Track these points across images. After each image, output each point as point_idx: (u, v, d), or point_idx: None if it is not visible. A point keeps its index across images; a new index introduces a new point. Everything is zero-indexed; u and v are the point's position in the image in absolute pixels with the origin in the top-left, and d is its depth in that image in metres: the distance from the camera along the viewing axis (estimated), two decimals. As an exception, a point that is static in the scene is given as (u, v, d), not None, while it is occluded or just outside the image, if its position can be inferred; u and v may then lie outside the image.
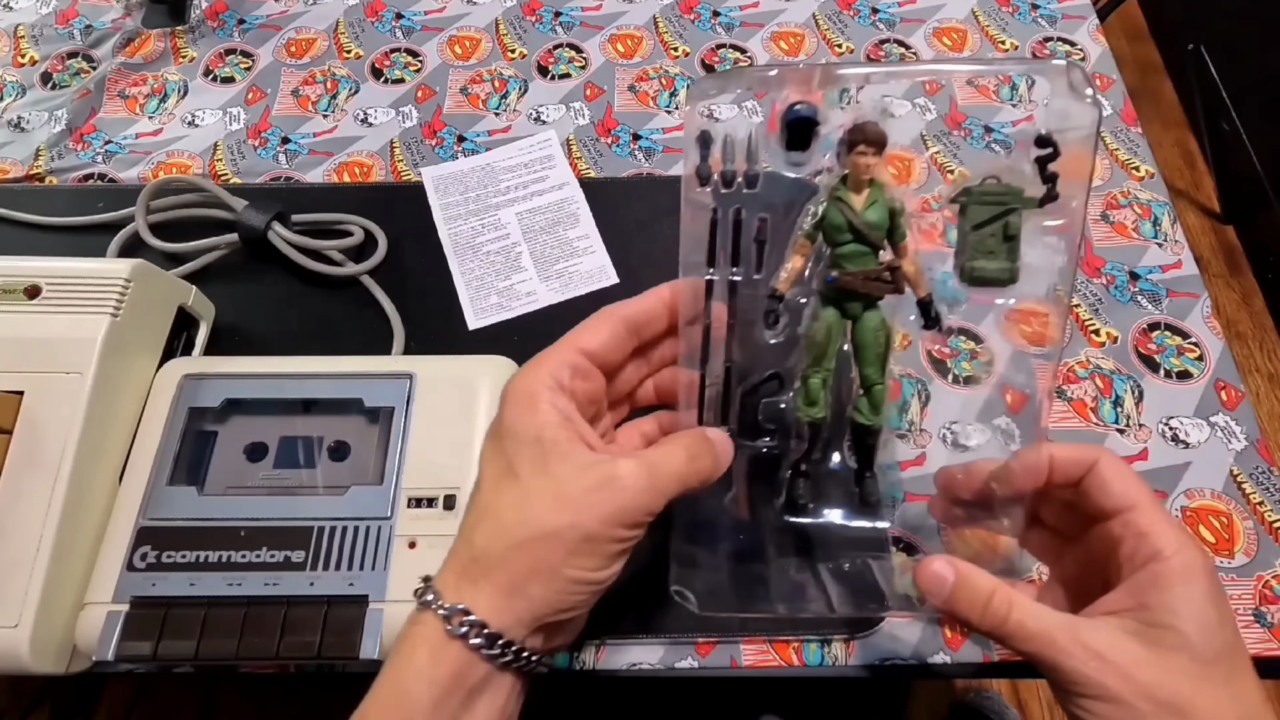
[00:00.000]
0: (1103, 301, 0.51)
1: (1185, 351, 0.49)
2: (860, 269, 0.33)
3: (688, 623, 0.40)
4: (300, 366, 0.43)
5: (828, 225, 0.33)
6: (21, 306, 0.40)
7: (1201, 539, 0.43)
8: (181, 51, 0.65)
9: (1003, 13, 0.66)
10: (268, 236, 0.50)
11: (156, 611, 0.36)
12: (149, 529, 0.38)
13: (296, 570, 0.37)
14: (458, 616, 0.27)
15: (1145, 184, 0.56)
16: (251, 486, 0.39)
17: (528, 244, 0.54)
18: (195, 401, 0.41)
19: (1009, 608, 0.29)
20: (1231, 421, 0.46)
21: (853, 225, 0.32)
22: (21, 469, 0.37)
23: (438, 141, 0.59)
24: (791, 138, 0.33)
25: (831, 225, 0.33)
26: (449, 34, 0.66)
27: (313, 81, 0.63)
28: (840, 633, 0.40)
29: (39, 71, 0.64)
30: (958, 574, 0.30)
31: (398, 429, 0.40)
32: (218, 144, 0.59)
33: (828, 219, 0.33)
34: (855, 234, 0.32)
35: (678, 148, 0.59)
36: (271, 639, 0.35)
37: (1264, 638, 0.40)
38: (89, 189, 0.57)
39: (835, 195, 0.33)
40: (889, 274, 0.33)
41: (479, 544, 0.29)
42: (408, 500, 0.39)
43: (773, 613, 0.39)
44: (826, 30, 0.65)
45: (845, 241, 0.33)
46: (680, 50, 0.64)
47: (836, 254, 0.33)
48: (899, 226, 0.33)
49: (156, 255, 0.51)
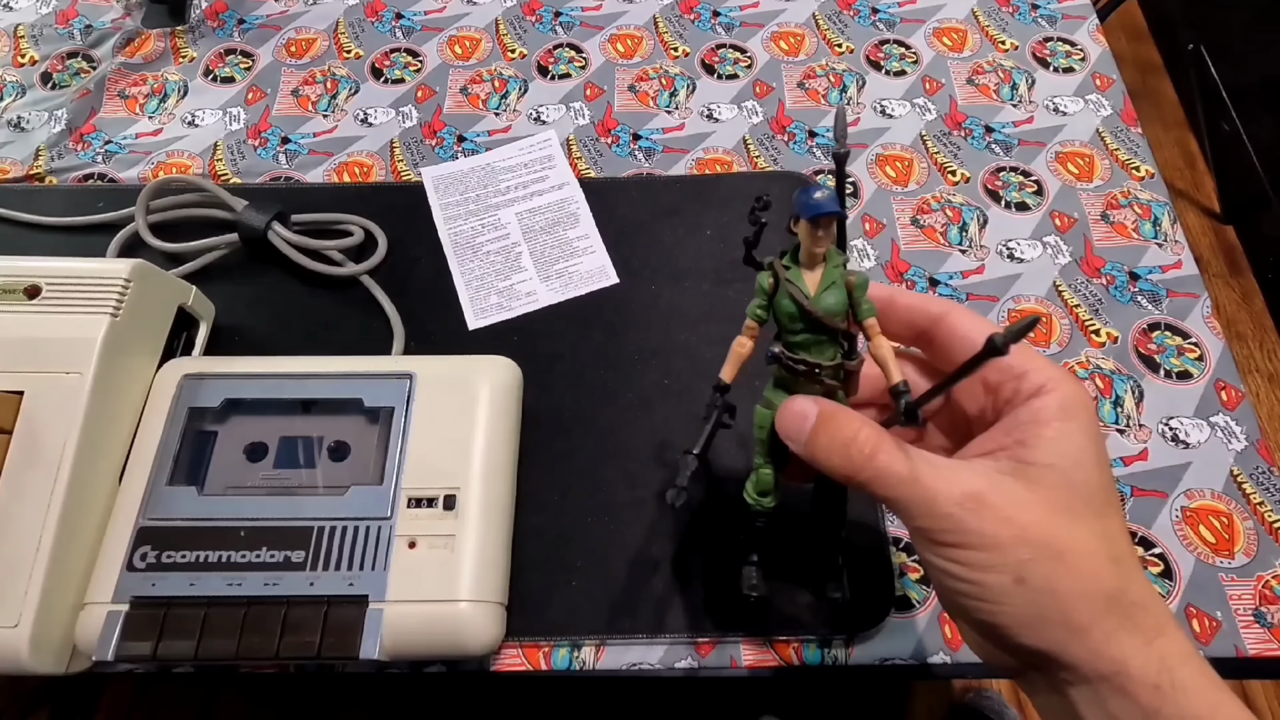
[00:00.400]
0: (1103, 302, 0.51)
1: (1185, 351, 0.49)
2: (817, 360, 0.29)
3: (688, 623, 0.40)
4: (300, 366, 0.43)
5: (779, 311, 0.29)
6: (21, 306, 0.40)
7: (1201, 539, 0.43)
8: (181, 51, 0.65)
9: (1003, 13, 0.66)
10: (268, 236, 0.50)
11: (156, 611, 0.36)
12: (149, 529, 0.38)
13: (296, 570, 0.37)
14: None
15: (1145, 184, 0.56)
16: (251, 486, 0.39)
17: (528, 244, 0.54)
18: (195, 401, 0.41)
19: (874, 449, 0.26)
20: (1232, 421, 0.46)
21: (807, 313, 0.28)
22: (21, 469, 0.37)
23: (438, 141, 0.59)
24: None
25: (783, 313, 0.28)
26: (449, 34, 0.66)
27: (313, 81, 0.63)
28: (840, 633, 0.40)
29: (39, 71, 0.64)
30: (820, 413, 0.27)
31: (398, 429, 0.40)
32: (218, 144, 0.59)
33: (779, 304, 0.28)
34: (810, 322, 0.28)
35: (678, 148, 0.59)
36: (271, 639, 0.35)
37: (1264, 638, 0.40)
38: (89, 189, 0.57)
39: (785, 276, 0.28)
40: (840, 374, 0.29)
41: None
42: (408, 500, 0.39)
43: None
44: (826, 30, 0.65)
45: (799, 330, 0.28)
46: (680, 50, 0.64)
47: (790, 342, 0.29)
48: (861, 303, 0.28)
49: (156, 255, 0.51)
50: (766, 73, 0.63)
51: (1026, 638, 0.25)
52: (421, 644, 0.36)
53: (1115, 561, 0.25)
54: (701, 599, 0.41)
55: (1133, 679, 0.24)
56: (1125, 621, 0.24)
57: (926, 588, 0.42)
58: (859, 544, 0.42)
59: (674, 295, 0.51)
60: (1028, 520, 0.25)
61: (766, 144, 0.59)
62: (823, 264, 0.28)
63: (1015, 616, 0.25)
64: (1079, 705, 0.25)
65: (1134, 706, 0.24)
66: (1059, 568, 0.24)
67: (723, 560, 0.41)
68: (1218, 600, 0.41)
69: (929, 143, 0.59)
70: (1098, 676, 0.24)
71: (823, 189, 0.27)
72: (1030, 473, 0.26)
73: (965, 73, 0.62)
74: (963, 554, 0.25)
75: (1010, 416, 0.27)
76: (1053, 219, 0.55)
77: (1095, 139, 0.58)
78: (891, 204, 0.56)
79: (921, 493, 0.26)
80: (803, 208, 0.27)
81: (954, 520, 0.25)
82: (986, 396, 0.29)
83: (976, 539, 0.25)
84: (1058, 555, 0.24)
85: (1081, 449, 0.26)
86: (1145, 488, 0.45)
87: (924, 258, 0.53)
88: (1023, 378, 0.27)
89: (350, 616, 0.36)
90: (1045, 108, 0.60)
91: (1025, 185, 0.56)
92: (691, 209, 0.54)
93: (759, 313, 0.29)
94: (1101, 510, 0.26)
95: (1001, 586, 0.25)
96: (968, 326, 0.29)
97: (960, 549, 0.25)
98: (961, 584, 0.25)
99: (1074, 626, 0.24)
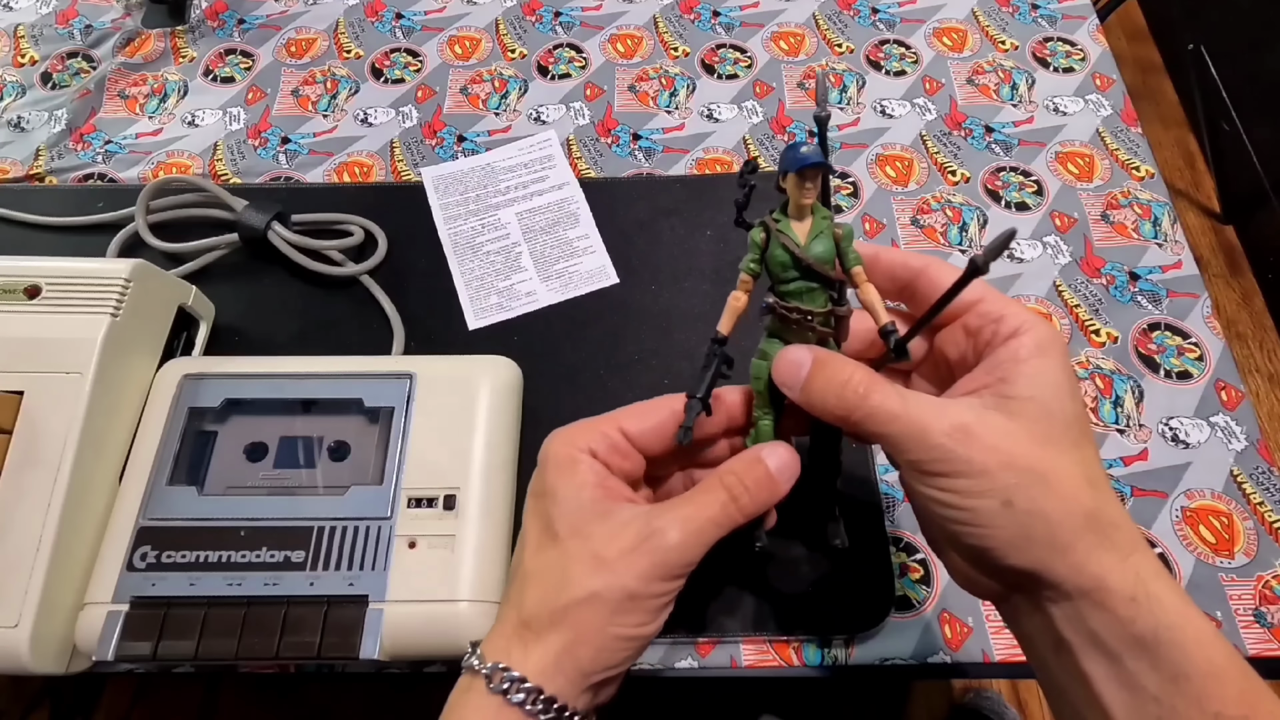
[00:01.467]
0: (1103, 302, 0.51)
1: (1185, 351, 0.49)
2: (810, 307, 0.30)
3: (688, 623, 0.40)
4: (300, 366, 0.43)
5: (772, 262, 0.30)
6: (21, 306, 0.40)
7: (1201, 539, 0.43)
8: (181, 51, 0.65)
9: (1003, 13, 0.66)
10: (268, 236, 0.50)
11: (156, 611, 0.36)
12: (149, 529, 0.38)
13: (296, 570, 0.37)
14: (511, 683, 0.27)
15: (1145, 184, 0.56)
16: (251, 486, 0.39)
17: (528, 244, 0.54)
18: (195, 401, 0.41)
19: (867, 389, 0.28)
20: (1232, 422, 0.46)
21: (799, 260, 0.29)
22: (21, 469, 0.37)
23: (438, 141, 0.59)
24: None
25: (776, 262, 0.30)
26: (449, 34, 0.66)
27: (313, 81, 0.63)
28: (840, 633, 0.40)
29: (39, 71, 0.64)
30: (815, 359, 0.29)
31: (398, 429, 0.40)
32: (218, 144, 0.59)
33: (772, 255, 0.30)
34: (801, 269, 0.29)
35: (678, 148, 0.59)
36: (271, 639, 0.35)
37: (1264, 638, 0.40)
38: (89, 189, 0.57)
39: (777, 228, 0.30)
40: (832, 320, 0.30)
41: (528, 608, 0.29)
42: (408, 500, 0.39)
43: None
44: (826, 30, 0.65)
45: (791, 278, 0.30)
46: (680, 50, 0.64)
47: (783, 291, 0.30)
48: (847, 253, 0.30)
49: (156, 255, 0.51)
50: (766, 73, 0.63)
51: (1013, 558, 0.26)
52: (421, 644, 0.36)
53: (1092, 485, 0.27)
54: (701, 599, 0.41)
55: (1111, 593, 0.25)
56: (1103, 540, 0.26)
57: (926, 588, 0.42)
58: (859, 544, 0.42)
59: (674, 295, 0.51)
60: (1012, 448, 0.26)
61: (766, 144, 0.59)
62: (810, 216, 0.30)
63: (1003, 538, 0.26)
64: (1059, 622, 0.26)
65: (1112, 619, 0.25)
66: (1043, 490, 0.26)
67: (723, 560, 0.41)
68: (1218, 600, 0.41)
69: (929, 143, 0.59)
70: (1079, 592, 0.26)
71: (806, 144, 0.29)
72: (1012, 406, 0.27)
73: (965, 73, 0.62)
74: (953, 482, 0.26)
75: (990, 357, 0.29)
76: (1053, 219, 0.55)
77: (1095, 139, 0.58)
78: (891, 204, 0.56)
79: (913, 427, 0.27)
80: (790, 162, 0.29)
81: (944, 450, 0.26)
82: (967, 340, 0.30)
83: (965, 466, 0.26)
84: (1041, 479, 0.26)
85: (1057, 383, 0.28)
86: (1145, 488, 0.45)
87: (923, 255, 0.53)
88: (1000, 321, 0.29)
89: (350, 616, 0.36)
90: (1045, 108, 0.60)
91: (1025, 185, 0.56)
92: (691, 209, 0.54)
93: (752, 266, 0.30)
94: (1078, 439, 0.27)
95: (990, 510, 0.26)
96: (947, 277, 0.30)
97: (950, 477, 0.26)
98: (952, 510, 0.27)
99: (1058, 545, 0.26)
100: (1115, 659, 0.25)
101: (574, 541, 0.29)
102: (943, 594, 0.42)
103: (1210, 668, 0.25)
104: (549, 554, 0.29)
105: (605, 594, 0.28)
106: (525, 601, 0.29)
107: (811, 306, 0.30)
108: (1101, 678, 0.26)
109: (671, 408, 0.31)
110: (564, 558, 0.28)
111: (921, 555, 0.43)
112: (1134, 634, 0.25)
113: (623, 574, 0.28)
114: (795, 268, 0.29)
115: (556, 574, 0.28)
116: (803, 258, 0.29)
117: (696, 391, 0.30)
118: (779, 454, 0.31)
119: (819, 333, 0.30)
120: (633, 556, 0.28)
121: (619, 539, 0.28)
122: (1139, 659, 0.25)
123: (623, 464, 0.31)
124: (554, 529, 0.29)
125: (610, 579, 0.28)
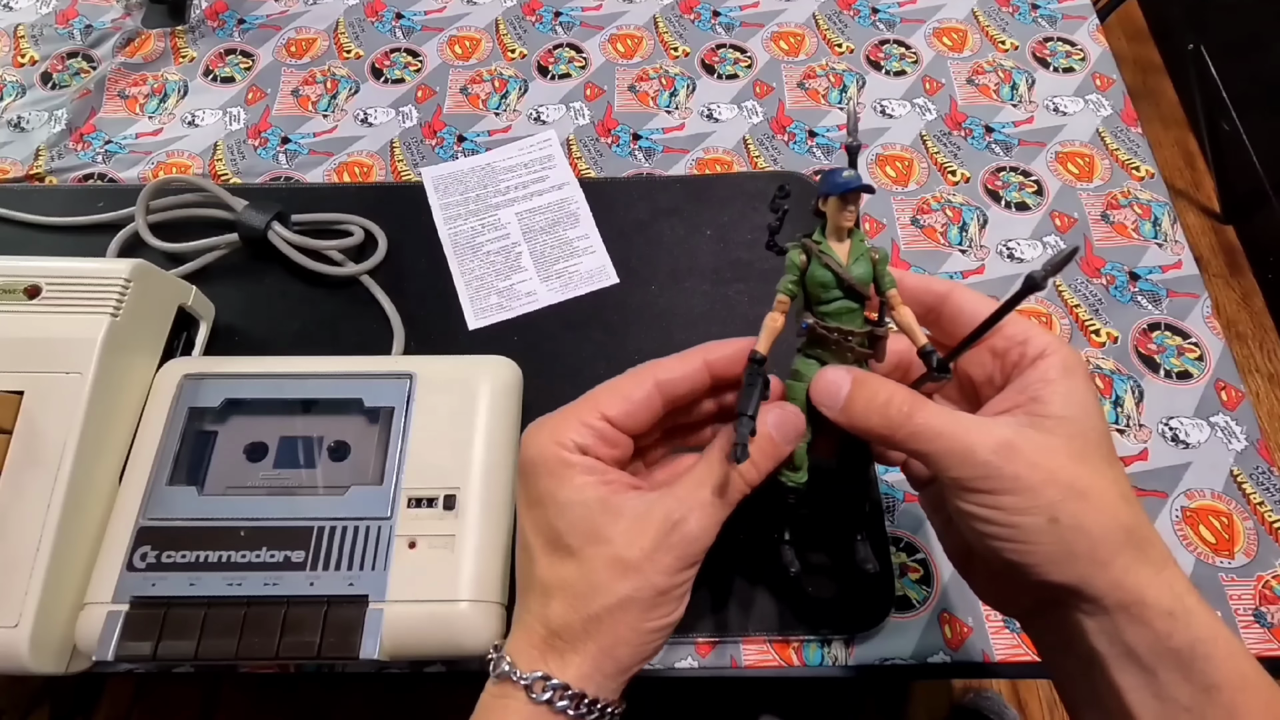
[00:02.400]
0: (1103, 302, 0.51)
1: (1185, 351, 0.49)
2: (850, 327, 0.30)
3: (688, 623, 0.40)
4: (300, 366, 0.43)
5: (812, 282, 0.30)
6: (21, 306, 0.40)
7: (1201, 539, 0.43)
8: (181, 51, 0.65)
9: (1003, 13, 0.66)
10: (268, 236, 0.50)
11: (156, 611, 0.36)
12: (149, 529, 0.38)
13: (296, 570, 0.37)
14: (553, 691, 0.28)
15: (1145, 184, 0.56)
16: (251, 486, 0.39)
17: (528, 244, 0.54)
18: (195, 401, 0.41)
19: (911, 407, 0.28)
20: (1232, 421, 0.46)
21: (841, 280, 0.30)
22: (21, 469, 0.37)
23: (438, 141, 0.59)
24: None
25: (817, 282, 0.30)
26: (449, 34, 0.66)
27: (313, 81, 0.63)
28: (840, 633, 0.40)
29: (39, 71, 0.64)
30: (854, 379, 0.30)
31: (398, 429, 0.40)
32: (218, 144, 0.59)
33: (813, 276, 0.30)
34: (844, 289, 0.30)
35: (678, 148, 0.59)
36: (271, 639, 0.35)
37: (1264, 638, 0.40)
38: (89, 189, 0.57)
39: (818, 248, 0.30)
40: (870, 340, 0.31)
41: (555, 620, 0.29)
42: (408, 500, 0.39)
43: None
44: (826, 30, 0.65)
45: (833, 299, 0.30)
46: (680, 50, 0.64)
47: (822, 312, 0.30)
48: (884, 275, 0.30)
49: (156, 255, 0.51)
50: (766, 73, 0.63)
51: (1054, 574, 0.27)
52: (421, 644, 0.36)
53: (1126, 500, 0.27)
54: (702, 599, 0.41)
55: (1149, 607, 0.26)
56: (1140, 555, 0.26)
57: (926, 588, 0.42)
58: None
59: (674, 295, 0.51)
60: (1054, 464, 0.27)
61: (766, 144, 0.59)
62: (849, 239, 0.30)
63: (1046, 554, 0.26)
64: (1092, 636, 0.27)
65: (1149, 632, 0.26)
66: (1084, 506, 0.26)
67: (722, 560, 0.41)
68: (1218, 600, 0.41)
69: (929, 143, 0.59)
70: (1118, 606, 0.26)
71: (847, 170, 0.29)
72: (1047, 424, 0.28)
73: (965, 73, 0.62)
74: (998, 499, 0.27)
75: (1020, 378, 0.29)
76: (1053, 219, 0.55)
77: (1095, 139, 0.58)
78: (891, 204, 0.56)
79: (958, 444, 0.27)
80: (832, 185, 0.29)
81: (991, 466, 0.27)
82: (994, 362, 0.31)
83: (1012, 483, 0.26)
84: (1082, 495, 0.26)
85: (1086, 402, 0.28)
86: (1145, 488, 0.45)
87: (924, 258, 0.53)
88: (1026, 343, 0.30)
89: (350, 616, 0.36)
90: (1045, 108, 0.60)
91: (1025, 185, 0.56)
92: (691, 209, 0.54)
93: (791, 287, 0.30)
94: (1108, 455, 0.28)
95: (1036, 527, 0.26)
96: (972, 302, 0.31)
97: (996, 494, 0.27)
98: (995, 527, 0.27)
99: (1099, 560, 0.26)
100: (1149, 671, 0.26)
101: (592, 549, 0.28)
102: (943, 594, 0.42)
103: (1240, 680, 0.25)
104: (567, 566, 0.29)
105: (637, 596, 0.28)
106: (551, 614, 0.29)
107: (851, 327, 0.30)
108: (1133, 689, 0.26)
109: (653, 378, 0.31)
110: (586, 567, 0.28)
111: (921, 555, 0.43)
112: (1171, 647, 0.25)
113: (650, 573, 0.28)
114: (838, 287, 0.30)
115: (582, 585, 0.28)
116: (845, 278, 0.30)
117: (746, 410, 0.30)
118: (775, 414, 0.30)
119: (857, 353, 0.31)
120: (657, 555, 0.28)
121: (640, 538, 0.28)
122: (1173, 671, 0.25)
123: (612, 452, 0.31)
124: (565, 541, 0.29)
125: (639, 580, 0.28)
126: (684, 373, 0.31)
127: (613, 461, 0.31)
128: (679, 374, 0.31)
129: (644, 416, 0.31)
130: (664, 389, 0.31)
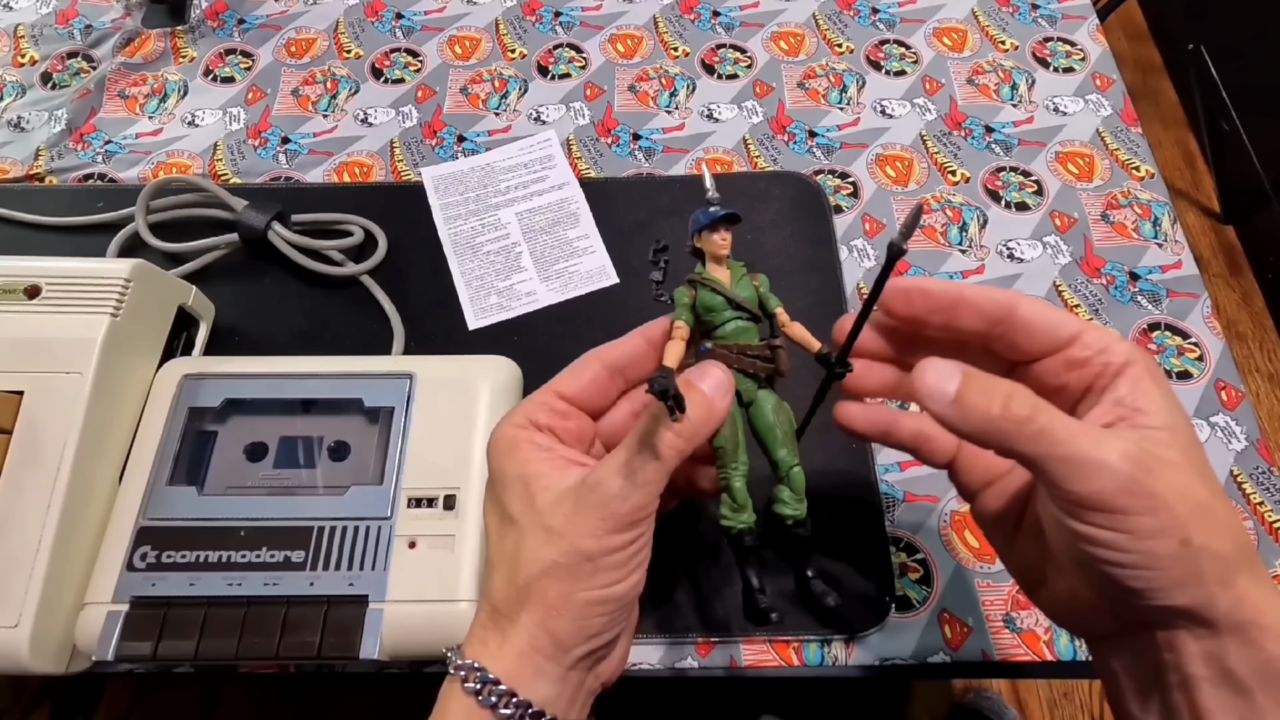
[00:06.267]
0: (1103, 302, 0.51)
1: (1185, 351, 0.49)
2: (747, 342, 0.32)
3: (688, 623, 0.40)
4: (300, 366, 0.43)
5: (704, 309, 0.31)
6: (21, 306, 0.40)
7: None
8: (181, 51, 0.65)
9: (1003, 13, 0.66)
10: (268, 236, 0.50)
11: (156, 611, 0.36)
12: (149, 529, 0.38)
13: (296, 570, 0.37)
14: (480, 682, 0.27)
15: (1145, 184, 0.56)
16: (251, 486, 0.39)
17: (528, 244, 0.54)
18: (195, 401, 0.41)
19: (1034, 407, 0.25)
20: (1232, 422, 0.46)
21: (730, 301, 0.31)
22: (21, 469, 0.37)
23: (438, 141, 0.59)
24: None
25: (707, 307, 0.31)
26: (449, 34, 0.66)
27: (313, 81, 0.63)
28: (840, 633, 0.40)
29: (39, 71, 0.64)
30: (964, 371, 0.26)
31: (398, 429, 0.40)
32: (218, 144, 0.59)
33: (704, 302, 0.31)
34: (734, 306, 0.31)
35: (678, 148, 0.59)
36: (271, 639, 0.35)
37: (1264, 638, 0.40)
38: (89, 189, 0.57)
39: (701, 278, 0.32)
40: (769, 351, 0.32)
41: (496, 594, 0.29)
42: (408, 500, 0.39)
43: None
44: (826, 30, 0.65)
45: (726, 320, 0.31)
46: (680, 50, 0.64)
47: (719, 335, 0.32)
48: (769, 297, 0.32)
49: (156, 255, 0.51)
50: (766, 73, 0.63)
51: (1178, 598, 0.24)
52: (421, 644, 0.36)
53: (1235, 513, 0.26)
54: (701, 599, 0.41)
55: (1265, 628, 0.24)
56: (1255, 574, 0.25)
57: (926, 588, 0.42)
58: (859, 544, 0.42)
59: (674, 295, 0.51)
60: (1182, 480, 0.24)
61: (766, 144, 0.59)
62: (727, 266, 0.32)
63: (1174, 579, 0.24)
64: (1187, 658, 0.25)
65: (1256, 654, 0.24)
66: (1211, 523, 0.24)
67: (722, 560, 0.41)
68: (1218, 600, 0.41)
69: (929, 143, 0.59)
70: (1233, 627, 0.24)
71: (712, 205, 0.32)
72: (1161, 438, 0.25)
73: (965, 73, 0.62)
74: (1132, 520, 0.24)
75: (1111, 390, 0.27)
76: (1053, 219, 0.55)
77: (1095, 139, 0.58)
78: (891, 204, 0.56)
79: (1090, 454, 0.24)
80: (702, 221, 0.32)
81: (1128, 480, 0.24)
82: (1070, 372, 0.28)
83: (1148, 501, 0.24)
84: (1209, 512, 0.24)
85: (1179, 409, 0.26)
86: (1145, 488, 0.45)
87: (924, 258, 0.53)
88: (1106, 351, 0.27)
89: (350, 616, 0.36)
90: (1045, 108, 0.60)
91: (1025, 185, 0.56)
92: (691, 209, 0.54)
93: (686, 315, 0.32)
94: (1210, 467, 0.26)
95: (1168, 551, 0.24)
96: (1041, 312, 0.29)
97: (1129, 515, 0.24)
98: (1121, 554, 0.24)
99: (1226, 580, 0.24)
100: (1246, 694, 0.24)
101: (526, 519, 0.28)
102: (943, 594, 0.42)
103: None
104: (508, 539, 0.29)
105: (561, 560, 0.27)
106: (493, 588, 0.29)
107: (750, 342, 0.32)
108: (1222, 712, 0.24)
109: (599, 358, 0.32)
110: (518, 536, 0.28)
111: (921, 555, 0.43)
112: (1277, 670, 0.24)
113: (573, 537, 0.27)
114: (729, 307, 0.31)
115: (515, 554, 0.28)
116: (733, 296, 0.31)
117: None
118: (711, 374, 0.30)
119: (759, 367, 0.32)
120: (577, 517, 0.27)
121: (563, 504, 0.28)
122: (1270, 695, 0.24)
123: (567, 425, 0.31)
124: (508, 513, 0.29)
125: (564, 545, 0.27)
126: (625, 350, 0.33)
127: (574, 436, 0.32)
128: (621, 351, 0.33)
129: (595, 390, 0.32)
130: (607, 363, 0.32)
